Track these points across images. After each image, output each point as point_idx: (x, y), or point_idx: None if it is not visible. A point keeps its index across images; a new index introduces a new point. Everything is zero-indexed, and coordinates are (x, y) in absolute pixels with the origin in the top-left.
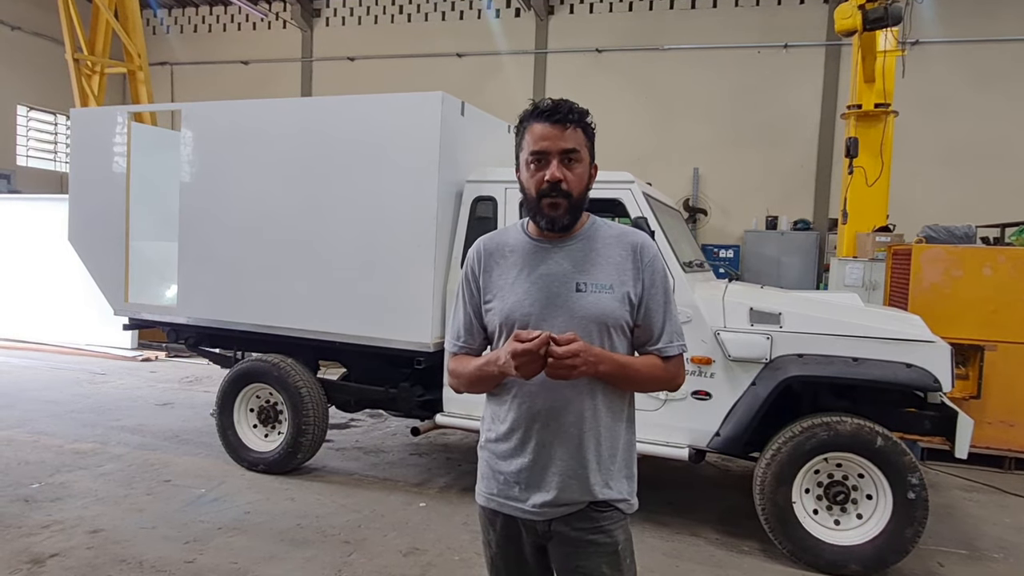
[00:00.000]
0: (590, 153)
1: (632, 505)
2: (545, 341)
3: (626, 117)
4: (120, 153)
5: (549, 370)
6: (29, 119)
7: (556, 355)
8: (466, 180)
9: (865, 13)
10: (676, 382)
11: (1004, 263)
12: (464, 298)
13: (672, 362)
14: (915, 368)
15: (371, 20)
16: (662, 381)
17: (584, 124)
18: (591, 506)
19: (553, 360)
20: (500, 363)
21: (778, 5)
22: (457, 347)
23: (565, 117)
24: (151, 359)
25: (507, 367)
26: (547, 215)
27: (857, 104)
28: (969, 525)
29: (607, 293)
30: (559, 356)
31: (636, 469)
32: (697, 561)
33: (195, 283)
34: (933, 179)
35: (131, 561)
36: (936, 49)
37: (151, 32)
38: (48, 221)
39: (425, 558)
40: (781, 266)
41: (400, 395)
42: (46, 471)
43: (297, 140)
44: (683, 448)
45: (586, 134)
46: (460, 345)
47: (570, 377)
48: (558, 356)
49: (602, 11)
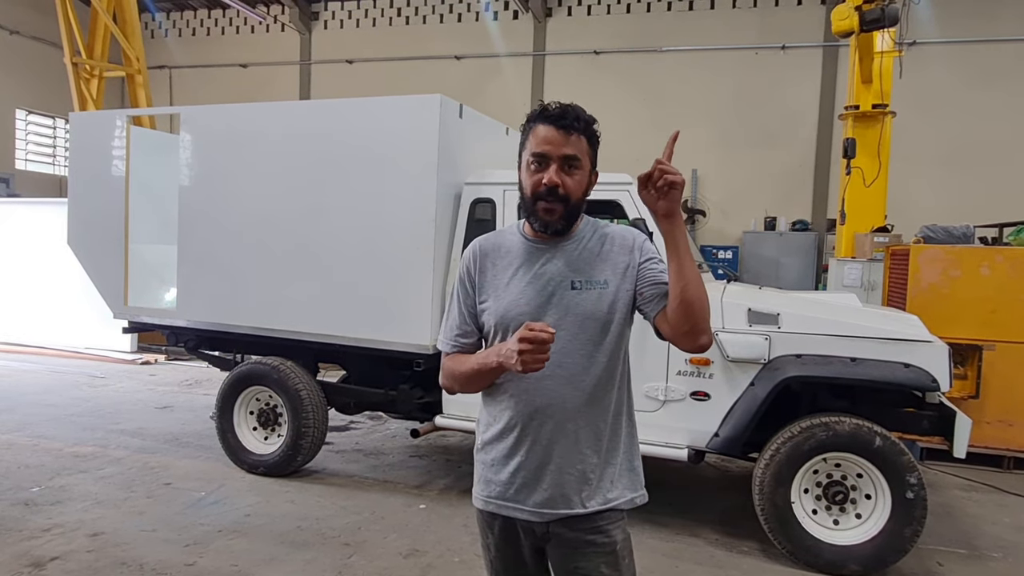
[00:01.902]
0: (591, 161)
1: (634, 501)
2: (552, 338)
3: (624, 118)
4: (119, 157)
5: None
6: (28, 123)
7: (663, 168)
8: (465, 182)
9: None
10: (708, 302)
11: (1002, 263)
12: (459, 298)
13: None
14: (913, 368)
15: (369, 23)
16: (703, 289)
17: (589, 133)
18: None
19: (660, 167)
20: (502, 354)
21: (775, 6)
22: (451, 346)
23: (571, 124)
24: (151, 362)
25: (508, 358)
26: (541, 218)
27: (855, 105)
28: (968, 524)
29: (601, 289)
30: (665, 171)
31: (640, 461)
32: (697, 561)
33: (194, 286)
34: (931, 179)
35: (132, 564)
36: (933, 49)
37: (149, 36)
38: (47, 225)
39: (425, 560)
40: (780, 267)
41: (400, 397)
42: (46, 475)
43: (295, 143)
44: (682, 449)
45: (590, 142)
46: (454, 344)
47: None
48: (665, 170)
49: (600, 13)
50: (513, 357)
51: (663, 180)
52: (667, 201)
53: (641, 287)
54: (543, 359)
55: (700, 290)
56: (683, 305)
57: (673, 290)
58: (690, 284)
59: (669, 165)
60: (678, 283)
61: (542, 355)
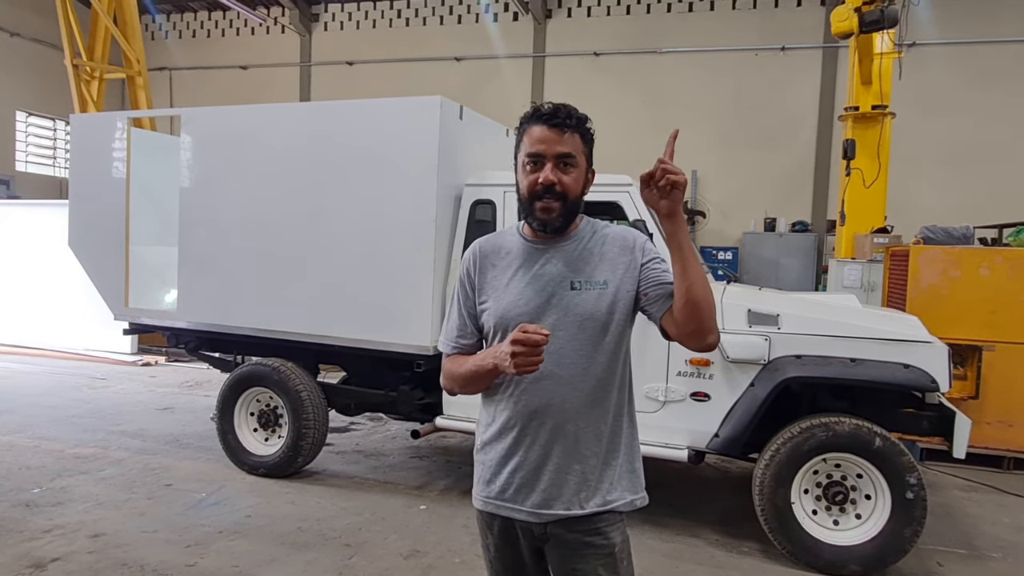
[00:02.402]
0: (587, 159)
1: (634, 504)
2: (546, 340)
3: (624, 120)
4: (120, 158)
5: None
6: (28, 125)
7: (665, 167)
8: (465, 184)
9: (861, 16)
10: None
11: (1002, 264)
12: (459, 299)
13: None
14: (913, 369)
15: (369, 25)
16: (709, 290)
17: (583, 130)
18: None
19: (662, 166)
20: (497, 356)
21: (775, 8)
22: (451, 348)
23: (563, 122)
24: (151, 363)
25: (502, 360)
26: (539, 217)
27: (854, 106)
28: (968, 524)
29: (601, 290)
30: (667, 170)
31: (641, 463)
32: (697, 562)
33: (195, 287)
34: (931, 180)
35: (132, 565)
36: (933, 51)
37: (150, 37)
38: (48, 226)
39: (426, 560)
40: (780, 268)
41: (400, 398)
42: (47, 476)
43: (296, 144)
44: (682, 449)
45: (584, 140)
46: (454, 346)
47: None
48: (667, 170)
49: (600, 14)
50: (507, 359)
51: (665, 179)
52: (669, 200)
53: (645, 288)
54: (537, 361)
55: (706, 290)
56: (689, 305)
57: (678, 290)
58: (695, 284)
59: (671, 164)
60: (683, 283)
61: (536, 358)
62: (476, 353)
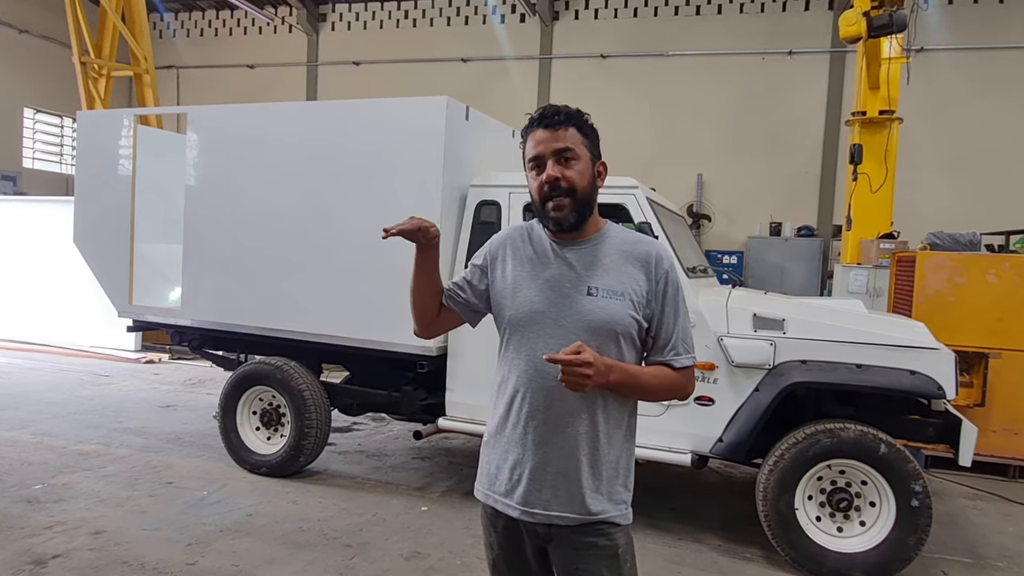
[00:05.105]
0: (591, 151)
1: (626, 517)
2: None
3: (630, 122)
4: (126, 156)
5: (563, 378)
6: (36, 121)
7: (566, 363)
8: (470, 184)
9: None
10: (685, 392)
11: (1009, 271)
12: (471, 269)
13: (682, 373)
14: (919, 375)
15: (377, 25)
16: (671, 391)
17: (578, 123)
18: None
19: (564, 369)
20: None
21: (783, 12)
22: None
23: (553, 120)
24: (154, 361)
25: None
26: (552, 217)
27: (862, 111)
28: (973, 533)
29: (618, 300)
30: (569, 364)
31: (633, 480)
32: (699, 567)
33: (199, 285)
34: (938, 186)
35: (133, 563)
36: (941, 56)
37: (158, 36)
38: (54, 223)
39: (427, 562)
40: (785, 272)
41: (403, 399)
42: (49, 472)
43: (302, 144)
44: (686, 454)
45: (582, 132)
46: (448, 289)
47: (583, 388)
48: (568, 364)
49: (607, 17)
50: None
51: (574, 376)
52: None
53: (653, 329)
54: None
55: (660, 392)
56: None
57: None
58: (649, 397)
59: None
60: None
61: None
62: (457, 315)
